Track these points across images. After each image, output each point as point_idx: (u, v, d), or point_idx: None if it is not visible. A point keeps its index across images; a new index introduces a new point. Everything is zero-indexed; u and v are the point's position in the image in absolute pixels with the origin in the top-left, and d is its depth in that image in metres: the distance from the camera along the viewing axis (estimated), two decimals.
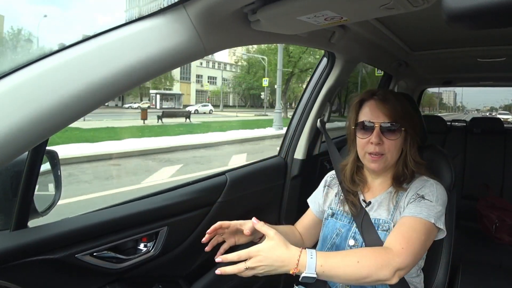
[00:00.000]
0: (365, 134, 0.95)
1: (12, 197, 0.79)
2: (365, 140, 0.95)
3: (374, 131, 0.93)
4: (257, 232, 0.90)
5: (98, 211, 0.95)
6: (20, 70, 0.53)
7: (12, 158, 0.52)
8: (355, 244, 0.97)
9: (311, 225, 1.12)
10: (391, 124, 0.93)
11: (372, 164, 0.95)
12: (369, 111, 0.96)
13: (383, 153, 0.94)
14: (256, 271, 0.78)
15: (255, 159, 1.49)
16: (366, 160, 0.97)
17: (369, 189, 1.04)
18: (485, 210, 2.14)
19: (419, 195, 0.92)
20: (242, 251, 0.78)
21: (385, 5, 0.70)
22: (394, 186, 0.98)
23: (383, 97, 0.96)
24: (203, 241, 0.91)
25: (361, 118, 0.97)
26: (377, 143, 0.93)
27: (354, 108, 1.00)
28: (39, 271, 0.81)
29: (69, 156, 6.09)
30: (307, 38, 1.03)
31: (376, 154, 0.94)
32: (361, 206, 0.99)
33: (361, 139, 0.96)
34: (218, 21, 0.67)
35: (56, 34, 43.47)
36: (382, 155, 0.94)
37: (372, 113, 0.95)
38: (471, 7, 0.36)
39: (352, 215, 1.00)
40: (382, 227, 0.94)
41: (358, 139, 0.98)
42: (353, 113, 1.00)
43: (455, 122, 2.98)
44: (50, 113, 0.51)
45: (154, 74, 0.61)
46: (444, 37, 1.51)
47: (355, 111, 0.99)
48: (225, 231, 0.93)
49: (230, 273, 0.79)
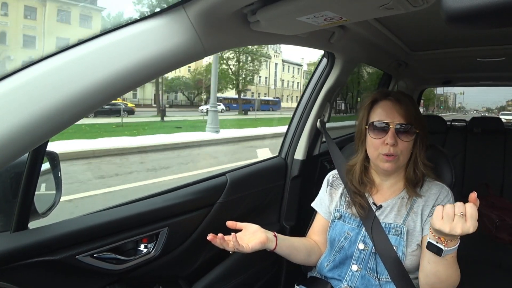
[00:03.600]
0: (379, 134, 0.94)
1: (12, 198, 0.79)
2: (379, 140, 0.94)
3: (389, 132, 0.92)
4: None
5: (99, 212, 0.95)
6: (21, 71, 0.53)
7: (12, 160, 0.52)
8: (365, 248, 0.96)
9: (324, 230, 1.08)
10: (406, 125, 0.93)
11: (385, 164, 0.94)
12: (383, 112, 0.94)
13: (397, 154, 0.93)
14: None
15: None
16: (379, 160, 0.95)
17: (378, 191, 1.03)
18: (485, 210, 2.14)
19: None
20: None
21: (385, 5, 0.70)
22: (408, 192, 0.97)
23: (398, 97, 0.96)
24: (208, 238, 0.87)
25: (374, 118, 0.95)
26: (392, 144, 0.92)
27: (366, 108, 0.98)
28: (39, 273, 0.81)
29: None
30: (306, 38, 1.03)
31: (390, 155, 0.93)
32: (370, 209, 0.98)
33: (374, 139, 0.95)
34: (217, 22, 0.67)
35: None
36: (395, 156, 0.93)
37: (388, 114, 0.94)
38: (471, 7, 0.36)
39: (360, 217, 0.98)
40: (395, 231, 0.94)
41: (371, 139, 0.96)
42: (364, 113, 0.98)
43: (455, 122, 2.98)
44: (51, 114, 0.51)
45: (154, 75, 0.61)
46: (444, 37, 1.51)
47: (367, 111, 0.98)
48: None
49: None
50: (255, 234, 0.93)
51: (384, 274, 0.93)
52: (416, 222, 0.94)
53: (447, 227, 0.70)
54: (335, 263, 1.01)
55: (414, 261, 0.92)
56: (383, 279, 0.93)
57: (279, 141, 1.60)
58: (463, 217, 0.69)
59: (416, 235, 0.93)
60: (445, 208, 0.72)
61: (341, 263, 1.00)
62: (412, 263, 0.92)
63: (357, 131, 1.03)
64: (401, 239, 0.92)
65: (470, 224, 0.69)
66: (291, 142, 1.52)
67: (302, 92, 1.58)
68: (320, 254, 1.07)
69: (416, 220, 0.94)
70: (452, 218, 0.70)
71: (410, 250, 0.92)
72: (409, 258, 0.92)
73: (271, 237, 0.95)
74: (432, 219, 0.74)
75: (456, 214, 0.70)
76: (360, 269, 0.97)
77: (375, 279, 0.94)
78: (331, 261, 1.02)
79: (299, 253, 1.03)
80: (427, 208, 0.95)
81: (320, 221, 1.10)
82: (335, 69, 1.44)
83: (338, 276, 1.00)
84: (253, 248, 0.89)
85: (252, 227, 0.94)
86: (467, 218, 0.69)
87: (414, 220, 0.94)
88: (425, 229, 0.93)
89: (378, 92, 1.00)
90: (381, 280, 0.94)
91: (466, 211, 0.69)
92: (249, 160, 1.60)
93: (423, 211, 0.94)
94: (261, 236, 0.92)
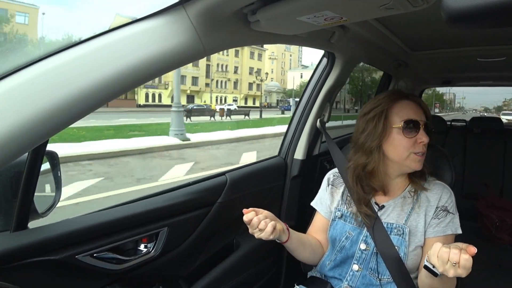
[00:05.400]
0: (411, 133, 0.92)
1: (12, 198, 0.79)
2: (411, 139, 0.92)
3: (420, 130, 0.92)
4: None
5: (99, 212, 0.95)
6: (21, 70, 0.53)
7: (12, 159, 0.52)
8: (367, 249, 0.96)
9: (325, 229, 1.07)
10: (430, 122, 0.95)
11: (417, 164, 0.93)
12: (411, 111, 0.94)
13: (425, 152, 0.94)
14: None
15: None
16: (410, 160, 0.93)
17: (381, 191, 1.01)
18: (485, 210, 2.14)
19: (443, 209, 0.94)
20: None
21: (385, 5, 0.70)
22: (413, 185, 0.98)
23: (416, 97, 0.98)
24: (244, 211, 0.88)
25: (402, 118, 0.92)
26: (427, 142, 0.92)
27: (384, 109, 0.94)
28: (39, 272, 0.81)
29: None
30: (306, 38, 1.03)
31: (423, 154, 0.93)
32: (372, 208, 0.97)
33: (407, 138, 0.92)
34: (217, 21, 0.67)
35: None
36: (424, 154, 0.94)
37: (415, 112, 0.94)
38: (471, 7, 0.36)
39: (362, 218, 0.98)
40: (397, 232, 0.94)
41: (400, 139, 0.92)
42: (381, 115, 0.94)
43: (455, 122, 2.98)
44: (50, 114, 0.51)
45: (154, 75, 0.61)
46: (444, 37, 1.51)
47: (385, 113, 0.94)
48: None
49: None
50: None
51: (385, 274, 0.93)
52: (419, 222, 0.94)
53: (440, 267, 0.70)
54: (336, 262, 1.01)
55: (416, 261, 0.92)
56: (384, 279, 0.93)
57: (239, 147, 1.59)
58: (455, 266, 0.67)
59: (419, 236, 0.93)
60: (440, 251, 0.69)
61: (342, 262, 1.00)
62: (414, 263, 0.92)
63: (369, 134, 0.95)
64: (403, 239, 0.92)
65: (462, 271, 0.68)
66: (291, 142, 1.52)
67: (302, 92, 1.58)
68: (323, 253, 1.07)
69: (418, 220, 0.94)
70: (446, 262, 0.68)
71: (412, 250, 0.92)
72: (411, 258, 0.92)
73: (285, 228, 0.94)
74: (429, 254, 0.73)
75: (450, 260, 0.67)
76: (361, 269, 0.96)
77: (376, 279, 0.94)
78: (332, 260, 1.02)
79: (306, 249, 1.03)
80: (431, 208, 0.94)
81: (321, 220, 1.10)
82: (335, 69, 1.44)
83: (339, 275, 1.00)
84: (274, 236, 0.87)
85: (271, 216, 0.90)
86: (460, 267, 0.67)
87: (416, 220, 0.94)
88: (428, 231, 0.93)
89: (395, 92, 0.98)
90: (382, 280, 0.93)
91: (460, 262, 0.67)
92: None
93: (427, 212, 0.94)
94: (278, 225, 0.89)
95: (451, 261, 0.67)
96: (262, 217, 0.86)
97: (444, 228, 0.92)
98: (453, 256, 0.67)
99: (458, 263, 0.67)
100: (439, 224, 0.93)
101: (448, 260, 0.68)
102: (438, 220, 0.93)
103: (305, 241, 1.04)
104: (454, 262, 0.67)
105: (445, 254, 0.68)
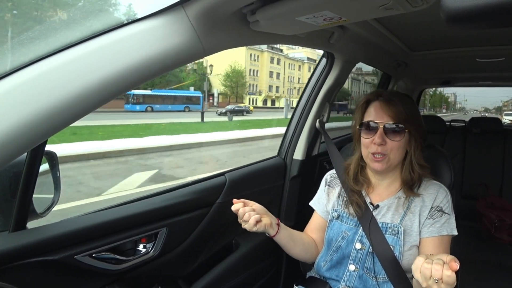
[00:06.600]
0: (369, 134, 0.96)
1: (11, 198, 0.79)
2: (368, 140, 0.96)
3: (377, 132, 0.94)
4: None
5: (97, 212, 0.95)
6: (20, 70, 0.53)
7: (11, 159, 0.52)
8: (362, 248, 0.97)
9: (321, 228, 1.10)
10: (395, 125, 0.94)
11: (374, 164, 0.96)
12: (374, 112, 0.97)
13: (385, 153, 0.94)
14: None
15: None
16: (369, 160, 0.98)
17: (374, 190, 1.04)
18: (485, 210, 2.14)
19: (438, 209, 0.94)
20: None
21: (384, 5, 0.70)
22: (405, 192, 0.98)
23: (388, 98, 0.97)
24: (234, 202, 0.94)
25: (366, 118, 0.98)
26: (379, 143, 0.94)
27: (360, 108, 1.01)
28: (38, 273, 0.81)
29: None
30: (306, 38, 1.03)
31: (378, 154, 0.95)
32: (367, 208, 0.99)
33: (365, 138, 0.98)
34: (217, 21, 0.67)
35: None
36: (384, 156, 0.95)
37: (377, 114, 0.96)
38: (470, 7, 0.36)
39: (357, 217, 0.99)
40: (392, 231, 0.95)
41: (362, 139, 0.99)
42: (359, 113, 1.01)
43: (454, 122, 2.98)
44: (49, 114, 0.51)
45: (153, 75, 0.61)
46: (443, 37, 1.51)
47: (361, 111, 1.01)
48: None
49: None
50: (261, 216, 0.93)
51: (381, 273, 0.93)
52: (414, 222, 0.94)
53: (423, 283, 0.67)
54: (332, 262, 1.02)
55: (411, 261, 0.92)
56: (381, 279, 0.94)
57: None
58: (438, 282, 0.65)
59: (414, 235, 0.93)
60: (422, 267, 0.67)
61: (339, 263, 1.01)
62: (409, 263, 0.92)
63: (352, 131, 1.06)
64: (398, 239, 0.93)
65: (445, 287, 0.65)
66: (290, 142, 1.52)
67: (302, 92, 1.58)
68: (317, 252, 1.08)
69: (413, 220, 0.94)
70: (429, 278, 0.66)
71: (407, 250, 0.92)
72: (406, 258, 0.92)
73: (274, 223, 0.97)
74: (412, 268, 0.71)
75: (432, 277, 0.65)
76: (358, 269, 0.97)
77: (372, 278, 0.94)
78: (328, 260, 1.03)
79: (296, 246, 1.04)
80: (425, 209, 0.95)
81: (317, 219, 1.12)
82: (334, 69, 1.44)
83: (336, 276, 1.01)
84: (258, 229, 0.91)
85: (259, 209, 0.95)
86: (443, 283, 0.65)
87: (411, 220, 0.95)
88: (423, 231, 0.93)
89: (371, 93, 1.03)
90: (379, 279, 0.94)
91: (443, 279, 0.64)
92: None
93: (421, 212, 0.95)
94: (265, 219, 0.93)
95: (433, 277, 0.65)
96: (248, 209, 0.91)
97: (439, 228, 0.92)
98: (435, 272, 0.65)
99: (440, 279, 0.65)
100: (433, 224, 0.93)
101: (430, 276, 0.66)
102: (432, 220, 0.93)
103: (297, 238, 1.05)
104: (436, 279, 0.65)
105: (426, 271, 0.66)
